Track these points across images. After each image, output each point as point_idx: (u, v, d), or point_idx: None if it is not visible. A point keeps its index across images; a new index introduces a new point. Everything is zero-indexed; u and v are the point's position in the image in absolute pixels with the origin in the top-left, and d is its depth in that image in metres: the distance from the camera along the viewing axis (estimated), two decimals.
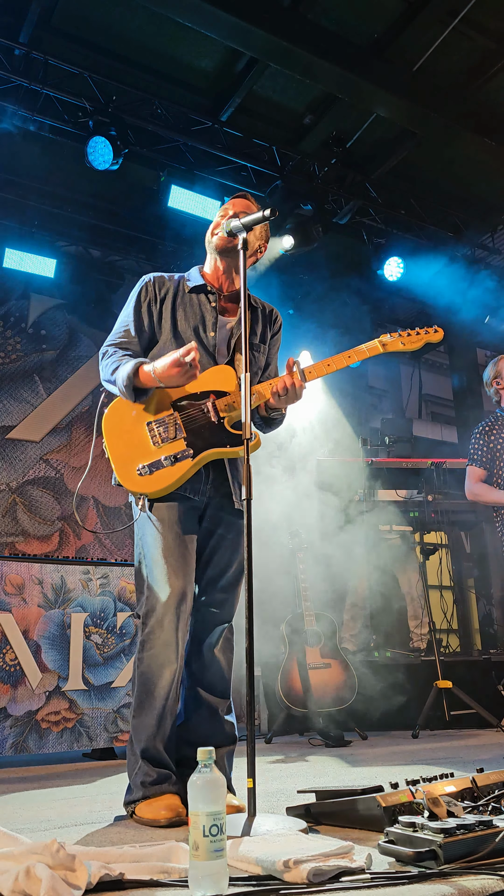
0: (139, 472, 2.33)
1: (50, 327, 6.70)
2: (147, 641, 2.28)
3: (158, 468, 2.33)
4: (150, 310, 2.53)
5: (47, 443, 6.44)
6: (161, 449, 2.35)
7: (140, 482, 2.33)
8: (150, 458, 2.35)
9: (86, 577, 4.06)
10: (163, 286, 2.57)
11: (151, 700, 2.26)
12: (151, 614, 2.28)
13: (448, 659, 4.91)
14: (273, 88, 5.58)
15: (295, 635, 4.42)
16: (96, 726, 3.89)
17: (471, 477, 3.90)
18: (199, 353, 2.46)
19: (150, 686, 2.26)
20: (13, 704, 3.66)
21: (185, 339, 2.49)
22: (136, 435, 2.39)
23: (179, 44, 5.15)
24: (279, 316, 2.73)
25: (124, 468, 2.35)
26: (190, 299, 2.56)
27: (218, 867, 1.34)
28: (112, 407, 2.45)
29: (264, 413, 2.54)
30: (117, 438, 2.40)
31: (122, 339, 2.50)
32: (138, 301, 2.54)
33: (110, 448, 2.39)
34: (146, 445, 2.37)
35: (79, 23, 4.99)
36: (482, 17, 4.95)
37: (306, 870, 1.37)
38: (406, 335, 2.51)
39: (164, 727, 2.26)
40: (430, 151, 6.16)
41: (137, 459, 2.35)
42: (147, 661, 2.28)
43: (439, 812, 1.56)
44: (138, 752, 2.25)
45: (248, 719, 1.91)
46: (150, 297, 2.55)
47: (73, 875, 1.36)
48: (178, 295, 2.57)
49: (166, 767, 2.25)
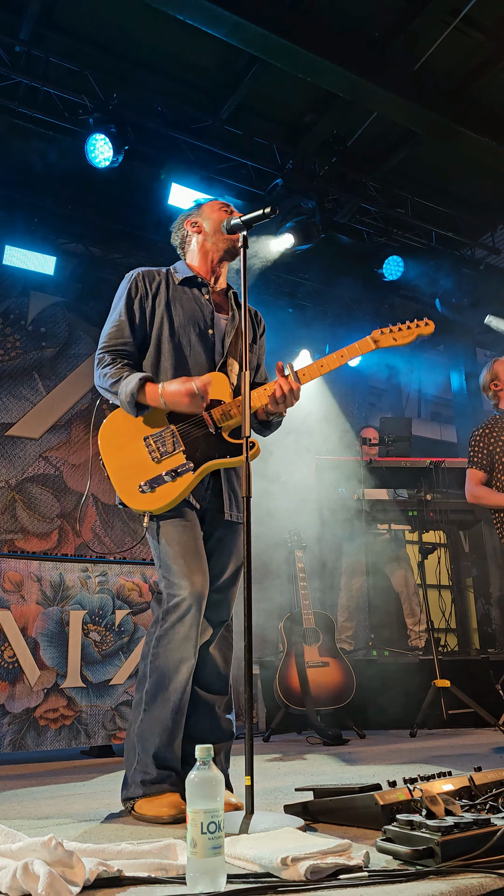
0: (141, 489, 2.31)
1: (49, 325, 6.69)
2: (165, 636, 2.26)
3: (160, 484, 2.31)
4: (143, 306, 2.49)
5: (46, 440, 6.44)
6: (161, 464, 2.33)
7: (143, 500, 2.31)
8: (151, 474, 2.32)
9: (84, 574, 4.06)
10: (153, 280, 2.53)
11: (166, 694, 2.23)
12: (174, 610, 2.26)
13: (446, 658, 4.92)
14: (274, 87, 5.58)
15: (293, 634, 4.42)
16: (94, 724, 3.89)
17: (471, 479, 3.90)
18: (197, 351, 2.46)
19: (166, 681, 2.24)
20: (11, 702, 3.66)
21: (184, 335, 2.46)
22: (134, 450, 2.36)
23: (180, 41, 5.14)
24: (262, 318, 2.75)
25: (125, 485, 2.33)
26: (182, 292, 2.53)
27: (216, 864, 1.34)
28: (107, 421, 2.42)
29: (262, 417, 2.51)
30: (115, 454, 2.38)
31: (117, 343, 2.45)
32: (129, 298, 2.50)
33: (108, 465, 2.37)
34: (145, 461, 2.34)
35: (79, 20, 4.98)
36: (483, 16, 4.95)
37: (304, 867, 1.38)
38: (398, 330, 2.49)
39: (179, 723, 2.25)
40: (431, 150, 6.16)
41: (138, 476, 2.33)
42: (164, 655, 2.25)
43: (437, 810, 1.57)
44: (147, 748, 2.22)
45: (247, 717, 1.91)
46: (140, 293, 2.50)
47: (71, 872, 1.36)
48: (170, 288, 2.53)
49: (170, 768, 2.23)
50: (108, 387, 2.36)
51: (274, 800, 2.36)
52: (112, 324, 2.49)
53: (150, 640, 2.31)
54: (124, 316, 2.47)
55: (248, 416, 2.13)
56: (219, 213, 2.61)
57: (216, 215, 2.61)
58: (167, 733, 2.23)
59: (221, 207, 2.63)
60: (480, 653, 5.72)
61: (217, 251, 2.59)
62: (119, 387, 2.32)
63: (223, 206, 2.64)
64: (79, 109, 5.20)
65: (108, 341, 2.45)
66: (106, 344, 2.45)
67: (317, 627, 4.45)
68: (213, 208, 2.64)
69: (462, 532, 6.54)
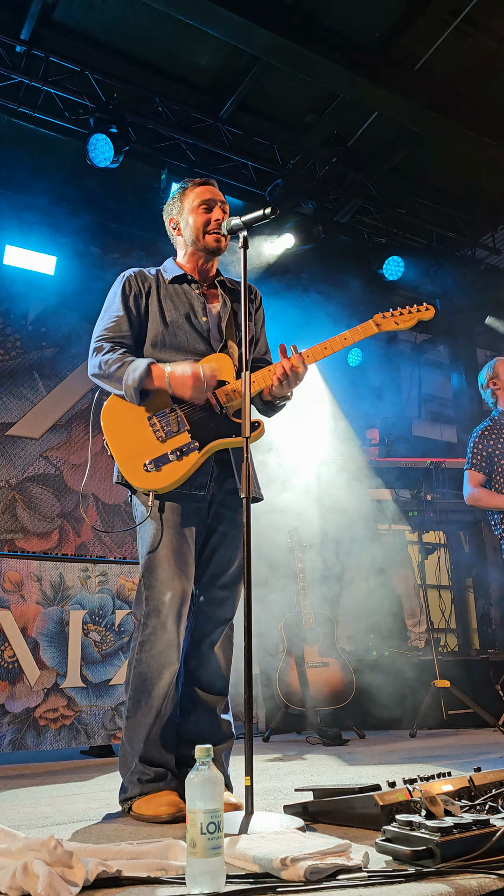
0: (146, 468, 2.30)
1: (50, 324, 6.69)
2: (147, 642, 2.26)
3: (165, 463, 2.30)
4: (137, 303, 2.49)
5: (47, 440, 6.44)
6: (166, 443, 2.32)
7: (148, 478, 2.29)
8: (156, 453, 2.31)
9: (84, 574, 4.06)
10: (145, 280, 2.54)
11: (149, 700, 2.24)
12: (154, 615, 2.26)
13: (446, 658, 4.92)
14: (274, 87, 5.58)
15: (293, 634, 4.42)
16: (94, 724, 3.89)
17: (470, 481, 3.90)
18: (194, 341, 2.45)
19: (149, 686, 2.24)
20: (11, 701, 3.66)
21: (177, 326, 2.46)
22: (138, 430, 2.35)
23: (181, 41, 5.14)
24: (258, 291, 2.73)
25: (129, 464, 2.32)
26: (174, 290, 2.54)
27: (215, 864, 1.34)
28: (110, 402, 2.40)
29: (267, 398, 2.51)
30: (119, 434, 2.36)
31: (115, 336, 2.43)
32: (124, 294, 2.49)
33: (112, 444, 2.35)
34: (150, 440, 2.33)
35: (80, 20, 4.98)
36: (484, 16, 4.95)
37: (303, 868, 1.38)
38: (399, 314, 2.53)
39: (162, 727, 2.25)
40: (432, 150, 6.16)
41: (142, 455, 2.31)
42: (147, 661, 2.25)
43: (436, 811, 1.57)
44: (135, 753, 2.23)
45: (247, 718, 1.91)
46: (134, 291, 2.50)
47: (71, 872, 1.36)
48: (161, 287, 2.54)
49: (163, 766, 2.24)
50: (112, 372, 2.32)
51: (273, 800, 2.36)
52: (109, 319, 2.47)
53: (133, 646, 2.31)
54: (122, 312, 2.46)
55: (248, 415, 2.12)
56: (195, 218, 2.55)
57: (193, 220, 2.55)
58: (153, 738, 2.23)
59: (201, 206, 2.55)
60: (480, 653, 5.72)
61: (200, 256, 2.59)
62: (123, 371, 2.30)
63: (202, 202, 2.55)
64: (79, 109, 5.20)
65: (104, 333, 2.44)
66: (101, 336, 2.44)
67: (317, 627, 4.45)
68: (192, 206, 2.56)
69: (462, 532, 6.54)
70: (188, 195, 2.60)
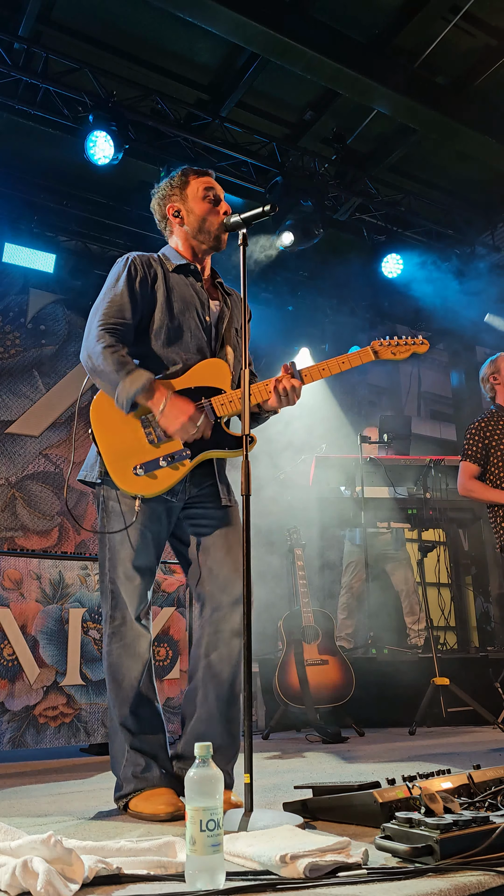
0: (136, 472, 2.24)
1: (49, 322, 6.69)
2: (117, 633, 2.27)
3: (156, 468, 2.25)
4: (144, 290, 2.38)
5: (46, 438, 6.44)
6: (159, 448, 2.26)
7: (136, 483, 2.24)
8: (147, 457, 2.25)
9: (84, 572, 4.06)
10: (150, 266, 2.44)
11: (122, 693, 2.26)
12: (122, 607, 2.28)
13: (445, 656, 4.92)
14: (273, 84, 5.57)
15: (292, 632, 4.42)
16: (94, 721, 3.89)
17: (464, 473, 3.91)
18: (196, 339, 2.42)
19: (120, 677, 2.26)
20: (11, 699, 3.66)
21: (182, 320, 2.40)
22: (130, 430, 2.28)
23: (180, 39, 5.14)
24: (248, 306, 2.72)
25: (118, 465, 2.25)
26: (179, 280, 2.46)
27: (215, 862, 1.34)
28: (100, 395, 2.31)
29: (255, 410, 2.47)
30: (109, 432, 2.28)
31: (116, 322, 2.30)
32: (129, 277, 2.37)
33: (101, 442, 2.28)
34: (141, 443, 2.27)
35: (79, 17, 4.97)
36: (483, 13, 4.95)
37: (303, 865, 1.38)
38: (395, 344, 2.49)
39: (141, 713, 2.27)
40: (431, 148, 6.15)
41: (133, 457, 2.25)
42: (117, 651, 2.26)
43: (436, 808, 1.57)
44: (124, 741, 2.25)
45: (246, 715, 1.91)
46: (140, 275, 2.39)
47: (70, 869, 1.36)
48: (167, 275, 2.45)
49: (152, 752, 2.25)
50: (108, 371, 2.20)
51: (273, 797, 2.36)
52: (110, 301, 2.33)
53: (104, 639, 2.31)
54: (126, 297, 2.33)
55: (248, 413, 2.12)
56: (202, 208, 2.48)
57: (199, 210, 2.48)
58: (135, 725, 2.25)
59: (206, 196, 2.49)
60: (480, 651, 5.72)
61: (201, 249, 2.53)
62: (121, 378, 2.19)
63: (207, 191, 2.50)
64: (78, 107, 5.20)
65: (107, 319, 2.29)
66: (104, 321, 2.29)
67: (316, 625, 4.45)
68: (197, 197, 2.49)
69: (461, 530, 6.55)
70: (192, 184, 2.51)
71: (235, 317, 2.57)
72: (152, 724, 2.30)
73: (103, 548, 2.34)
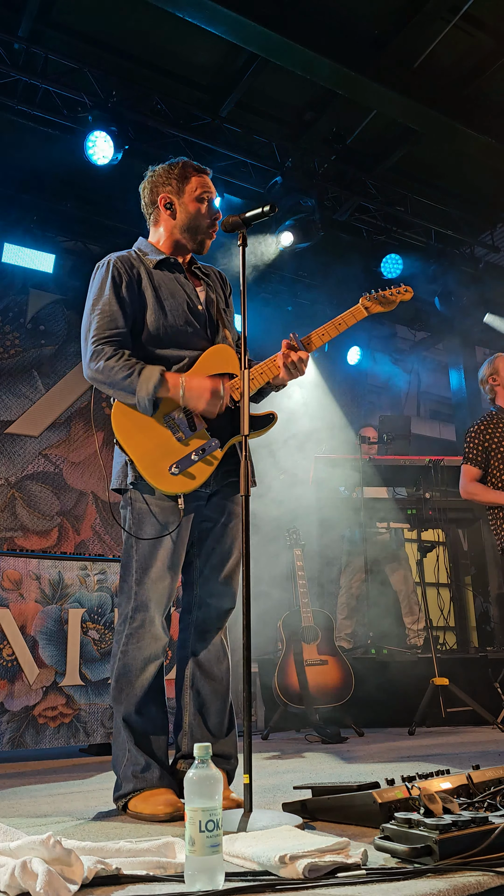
0: (171, 472, 2.23)
1: (49, 323, 6.69)
2: (135, 635, 2.27)
3: (190, 464, 2.25)
4: (131, 294, 2.36)
5: (46, 438, 6.44)
6: (188, 445, 2.26)
7: (175, 482, 2.23)
8: (178, 454, 2.25)
9: (83, 572, 4.06)
10: (132, 266, 2.41)
11: (132, 690, 2.26)
12: (143, 609, 2.27)
13: (445, 656, 4.92)
14: (273, 84, 5.57)
15: (292, 632, 4.42)
16: (93, 722, 3.89)
17: (466, 475, 3.91)
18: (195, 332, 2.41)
19: (132, 677, 2.26)
20: (10, 700, 3.66)
21: (177, 317, 2.38)
22: (155, 432, 2.26)
23: (180, 39, 5.14)
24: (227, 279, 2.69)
25: (154, 469, 2.23)
26: (163, 276, 2.44)
27: (214, 862, 1.34)
28: (118, 405, 2.29)
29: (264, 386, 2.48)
30: (136, 437, 2.26)
31: (112, 334, 2.29)
32: (114, 284, 2.34)
33: (130, 449, 2.25)
34: (169, 442, 2.26)
35: (78, 17, 4.98)
36: (483, 14, 4.95)
37: (302, 865, 1.38)
38: (382, 296, 2.61)
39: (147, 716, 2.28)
40: (430, 148, 6.15)
41: (166, 458, 2.24)
42: (133, 653, 2.26)
43: (435, 808, 1.57)
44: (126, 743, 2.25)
45: (245, 716, 1.91)
46: (125, 279, 2.36)
47: (70, 870, 1.36)
48: (150, 273, 2.43)
49: (152, 755, 2.25)
50: (119, 380, 2.20)
51: (272, 798, 2.36)
52: (100, 313, 2.31)
53: (119, 638, 2.30)
54: (115, 305, 2.31)
55: (247, 414, 2.12)
56: (196, 207, 2.47)
57: (193, 209, 2.47)
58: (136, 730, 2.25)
59: (202, 195, 2.48)
60: (479, 651, 5.72)
61: (186, 249, 2.52)
62: (133, 381, 2.19)
63: (204, 192, 2.49)
64: (78, 107, 5.20)
65: (101, 332, 2.28)
66: (98, 335, 2.27)
67: (315, 626, 4.45)
68: (193, 195, 2.48)
69: (461, 530, 6.55)
70: (191, 180, 2.49)
71: (220, 295, 2.58)
72: (156, 724, 2.30)
73: (131, 549, 2.32)
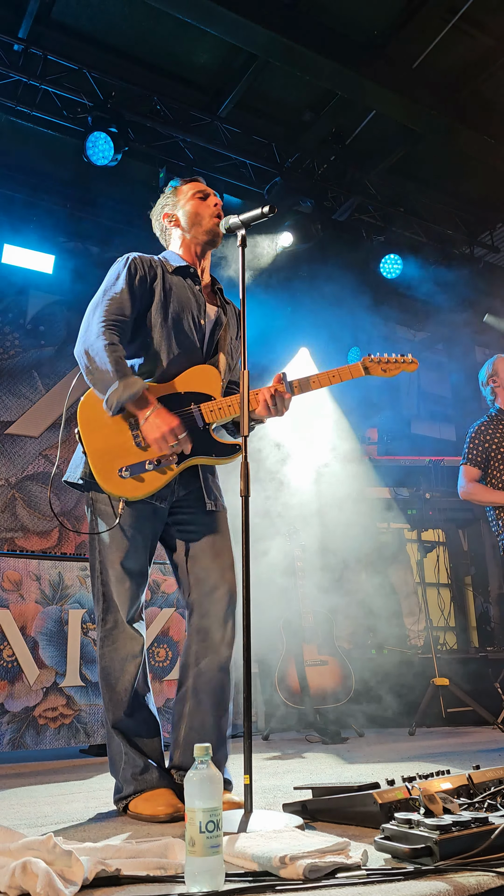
0: (121, 474, 2.23)
1: (48, 323, 6.69)
2: (109, 637, 2.29)
3: (141, 471, 2.24)
4: (143, 287, 2.39)
5: (46, 438, 6.44)
6: (146, 452, 2.25)
7: (121, 485, 2.23)
8: (132, 459, 2.24)
9: (83, 573, 4.06)
10: (151, 266, 2.45)
11: (115, 696, 2.27)
12: (113, 610, 2.29)
13: (445, 656, 4.92)
14: (272, 85, 5.57)
15: (292, 632, 4.42)
16: (94, 722, 3.89)
17: (465, 476, 3.91)
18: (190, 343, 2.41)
19: (112, 680, 2.27)
20: (10, 701, 3.66)
21: (177, 322, 2.39)
22: (117, 431, 2.27)
23: (179, 40, 5.14)
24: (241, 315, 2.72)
25: (103, 466, 2.24)
26: (177, 282, 2.47)
27: (214, 863, 1.34)
28: (89, 396, 2.31)
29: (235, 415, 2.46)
30: (95, 432, 2.27)
31: (117, 318, 2.29)
32: (129, 276, 2.37)
33: (87, 442, 2.27)
34: (128, 445, 2.26)
35: (78, 18, 4.97)
36: (482, 14, 4.94)
37: (302, 866, 1.38)
38: (386, 362, 2.52)
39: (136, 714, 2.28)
40: (430, 149, 6.15)
41: (118, 459, 2.24)
42: (110, 655, 2.28)
43: (435, 809, 1.57)
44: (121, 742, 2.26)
45: (246, 716, 1.91)
46: (140, 273, 2.40)
47: (70, 871, 1.36)
48: (166, 276, 2.46)
49: (149, 752, 2.26)
50: (107, 370, 2.18)
51: (273, 798, 2.36)
52: (111, 298, 2.33)
53: (97, 642, 2.32)
54: (126, 294, 2.34)
55: (247, 414, 2.12)
56: (194, 204, 2.55)
57: (191, 206, 2.55)
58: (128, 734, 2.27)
59: (196, 195, 2.56)
60: (479, 651, 5.72)
61: (197, 244, 2.56)
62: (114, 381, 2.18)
63: (198, 192, 2.57)
64: (77, 108, 5.19)
65: (108, 315, 2.29)
66: (105, 318, 2.28)
67: (316, 626, 4.45)
68: (188, 196, 2.56)
69: (461, 530, 6.55)
70: (182, 190, 2.60)
71: (231, 324, 2.57)
72: (148, 726, 2.31)
73: (93, 550, 2.35)
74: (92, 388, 2.29)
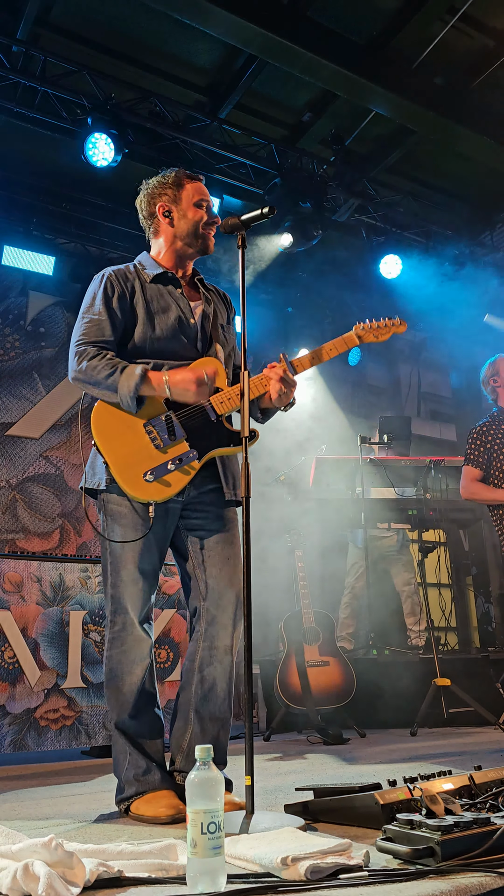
0: (146, 478, 2.23)
1: (48, 325, 6.69)
2: (117, 639, 2.29)
3: (165, 472, 2.24)
4: (122, 305, 2.38)
5: (47, 440, 6.44)
6: (166, 453, 2.25)
7: (148, 489, 2.23)
8: (154, 462, 2.24)
9: (84, 574, 4.06)
10: (126, 280, 2.43)
11: (121, 696, 2.27)
12: (122, 612, 2.29)
13: (446, 656, 4.92)
14: (272, 86, 5.57)
15: (293, 633, 4.42)
16: (95, 724, 3.89)
17: (467, 476, 3.91)
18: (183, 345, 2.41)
19: (119, 682, 2.27)
20: (12, 702, 3.66)
21: (166, 329, 2.38)
22: (134, 437, 2.27)
23: (178, 41, 5.14)
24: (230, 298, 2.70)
25: (128, 474, 2.23)
26: (157, 290, 2.45)
27: (216, 864, 1.34)
28: (99, 407, 2.31)
29: (267, 405, 2.49)
30: (113, 440, 2.27)
31: (98, 340, 2.31)
32: (106, 296, 2.37)
33: (106, 451, 2.26)
34: (147, 449, 2.26)
35: (77, 20, 4.98)
36: (481, 14, 4.95)
37: (304, 867, 1.38)
38: (376, 326, 2.56)
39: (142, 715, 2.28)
40: (429, 149, 6.15)
41: (141, 464, 2.24)
42: (118, 657, 2.28)
43: (437, 810, 1.57)
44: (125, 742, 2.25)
45: (247, 717, 1.91)
46: (118, 291, 2.39)
47: (72, 872, 1.36)
48: (144, 287, 2.44)
49: (153, 754, 2.26)
50: (101, 379, 2.22)
51: (274, 799, 2.36)
52: (88, 321, 2.34)
53: (105, 643, 2.32)
54: (104, 315, 2.34)
55: (247, 414, 2.12)
56: (196, 213, 2.49)
57: (194, 214, 2.49)
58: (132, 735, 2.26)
59: (200, 201, 2.50)
60: (481, 651, 5.72)
61: (188, 255, 2.53)
62: (116, 379, 2.21)
63: (202, 199, 2.51)
64: (77, 109, 5.20)
65: (87, 339, 2.31)
66: (84, 340, 2.31)
67: (317, 626, 4.45)
68: (190, 201, 2.49)
69: (462, 530, 6.54)
70: (186, 187, 2.51)
71: (219, 312, 2.57)
72: (152, 728, 2.31)
73: (105, 552, 2.34)
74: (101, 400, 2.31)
